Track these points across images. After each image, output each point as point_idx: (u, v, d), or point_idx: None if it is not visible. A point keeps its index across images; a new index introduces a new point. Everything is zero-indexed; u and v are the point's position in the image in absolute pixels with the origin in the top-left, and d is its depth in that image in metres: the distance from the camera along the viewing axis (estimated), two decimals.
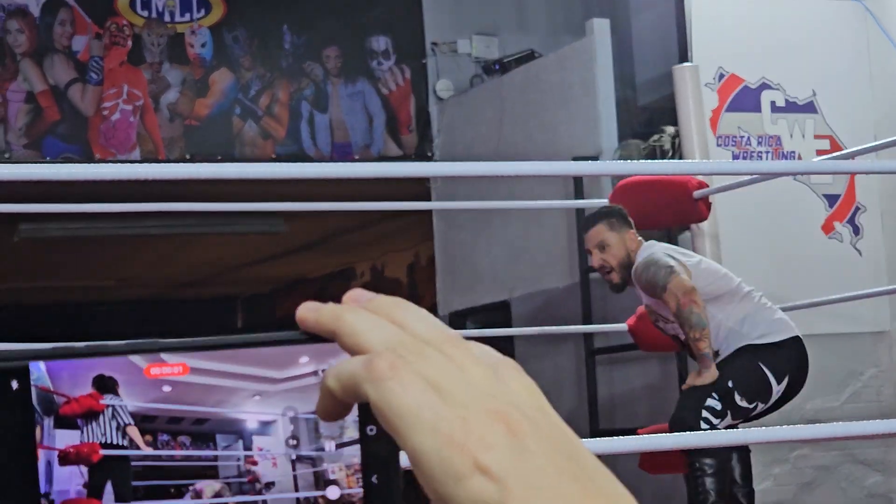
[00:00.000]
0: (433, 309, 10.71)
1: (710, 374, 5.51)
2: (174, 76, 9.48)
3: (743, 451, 6.00)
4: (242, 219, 9.63)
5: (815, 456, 8.32)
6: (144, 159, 9.29)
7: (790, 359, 5.67)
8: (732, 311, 5.71)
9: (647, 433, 6.39)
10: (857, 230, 8.66)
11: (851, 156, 7.41)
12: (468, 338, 0.74)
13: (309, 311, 0.72)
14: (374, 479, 0.72)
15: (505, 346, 9.26)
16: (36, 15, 9.23)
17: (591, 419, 8.68)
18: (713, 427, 5.42)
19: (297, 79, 9.73)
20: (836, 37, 8.75)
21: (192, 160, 9.33)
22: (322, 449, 0.73)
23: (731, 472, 5.88)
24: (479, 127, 9.69)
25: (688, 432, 5.21)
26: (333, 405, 0.70)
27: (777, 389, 5.64)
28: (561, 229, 8.98)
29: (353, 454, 0.73)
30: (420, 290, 13.83)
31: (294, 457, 0.73)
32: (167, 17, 9.49)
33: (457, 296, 10.10)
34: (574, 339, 8.75)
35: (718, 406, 5.50)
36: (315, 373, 0.73)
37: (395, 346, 0.69)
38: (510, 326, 9.08)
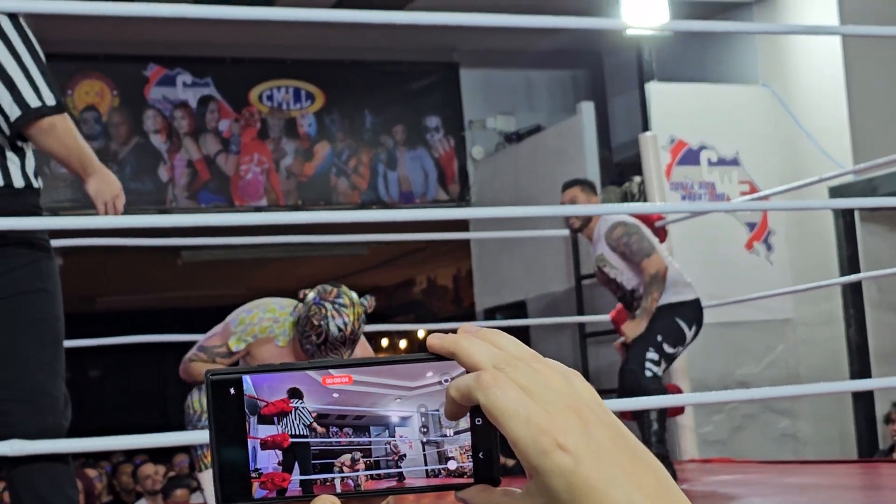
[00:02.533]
0: (471, 307, 10.68)
1: (644, 324, 5.41)
2: (289, 147, 9.49)
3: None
4: (337, 246, 9.63)
5: (742, 407, 8.28)
6: (269, 205, 9.30)
7: (695, 312, 5.55)
8: None
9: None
10: (769, 247, 8.62)
11: (766, 196, 7.38)
12: (503, 328, 0.75)
13: (435, 339, 0.72)
14: (480, 455, 0.73)
15: (523, 332, 9.25)
16: (193, 106, 9.26)
17: None
18: (654, 373, 5.31)
19: (375, 147, 9.72)
20: (753, 112, 8.72)
21: (302, 206, 9.33)
22: (444, 435, 0.73)
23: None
24: (502, 179, 9.68)
25: (657, 395, 5.09)
26: (455, 408, 0.70)
27: (689, 335, 5.51)
28: (561, 250, 8.97)
29: (465, 439, 0.73)
30: (461, 293, 13.80)
31: (424, 440, 0.73)
32: (284, 106, 9.50)
33: (488, 297, 10.07)
34: (571, 327, 8.73)
35: (656, 357, 5.39)
36: (439, 382, 0.73)
37: (496, 362, 0.70)
38: (527, 318, 9.06)
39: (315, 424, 0.72)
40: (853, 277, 7.19)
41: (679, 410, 6.49)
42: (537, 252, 9.19)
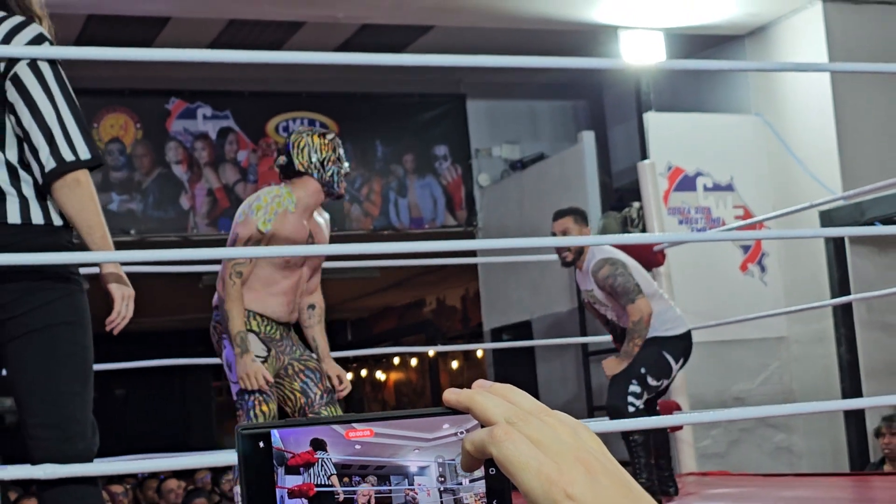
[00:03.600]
0: (479, 326, 10.67)
1: (624, 365, 5.22)
2: None
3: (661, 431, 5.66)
4: (350, 270, 9.63)
5: (738, 422, 8.25)
6: None
7: (684, 346, 5.34)
8: (654, 307, 5.33)
9: None
10: (763, 269, 8.61)
11: (760, 222, 7.38)
12: (507, 350, 0.76)
13: (451, 394, 0.73)
14: (494, 502, 0.74)
15: (528, 352, 9.24)
16: (213, 138, 9.29)
17: (587, 400, 8.63)
18: (637, 407, 5.14)
19: (386, 175, 9.74)
20: (746, 140, 8.73)
21: None
22: (460, 483, 0.74)
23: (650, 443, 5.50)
24: (508, 205, 9.69)
25: (680, 414, 5.05)
26: (471, 460, 0.71)
27: (675, 368, 5.32)
28: (564, 272, 8.94)
29: (480, 487, 0.74)
30: (469, 313, 13.77)
31: (441, 489, 0.74)
32: None
33: (495, 317, 10.06)
34: (575, 346, 8.72)
35: (638, 389, 5.19)
36: (455, 433, 0.74)
37: (509, 417, 0.71)
38: (532, 339, 9.05)
39: (334, 476, 0.73)
40: (844, 299, 7.19)
41: (678, 426, 6.48)
42: (542, 274, 9.18)
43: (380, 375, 17.99)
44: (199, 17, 7.93)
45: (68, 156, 2.94)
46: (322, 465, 0.73)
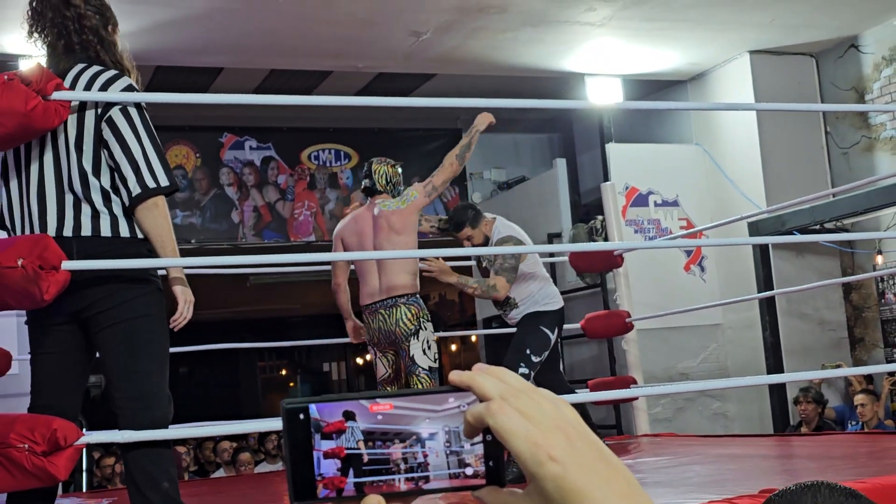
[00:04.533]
0: (473, 316, 10.64)
1: (457, 281, 4.87)
2: (332, 195, 9.49)
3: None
4: None
5: (684, 393, 8.25)
6: (317, 240, 9.31)
7: (559, 318, 5.04)
8: (537, 284, 5.06)
9: (594, 384, 6.36)
10: (703, 269, 8.60)
11: (699, 232, 7.37)
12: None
13: (455, 375, 0.73)
14: (490, 463, 0.73)
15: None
16: (258, 164, 9.28)
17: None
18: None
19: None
20: (689, 164, 8.72)
21: None
22: (462, 447, 0.73)
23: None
24: None
25: (633, 388, 5.01)
26: (471, 429, 0.71)
27: (552, 338, 4.99)
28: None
29: (479, 450, 0.73)
30: (465, 306, 13.76)
31: (448, 451, 0.73)
32: (328, 164, 9.52)
33: (486, 309, 10.05)
34: None
35: (526, 371, 4.87)
36: (458, 406, 0.74)
37: (502, 393, 0.70)
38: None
39: (361, 441, 0.73)
40: (768, 293, 7.18)
41: (634, 397, 6.47)
42: None
43: None
44: (246, 67, 7.94)
45: (150, 183, 2.98)
46: (351, 432, 0.73)
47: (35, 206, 2.98)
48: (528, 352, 4.94)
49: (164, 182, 3.00)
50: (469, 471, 0.73)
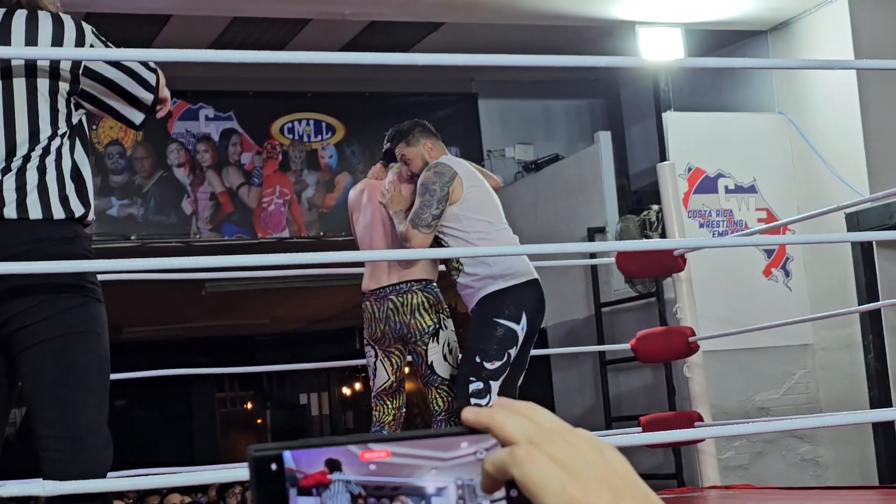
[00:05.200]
0: None
1: (395, 201, 4.95)
2: (311, 179, 9.51)
3: None
4: (359, 276, 9.64)
5: (762, 433, 8.23)
6: (292, 236, 9.33)
7: (531, 298, 4.88)
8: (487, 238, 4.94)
9: (647, 421, 6.37)
10: (787, 274, 8.60)
11: (783, 226, 7.37)
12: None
13: (470, 413, 0.73)
14: None
15: (544, 360, 9.23)
16: (216, 140, 9.31)
17: (605, 410, 8.62)
18: (488, 403, 4.46)
19: None
20: (769, 139, 8.71)
21: (324, 237, 9.36)
22: None
23: None
24: (521, 209, 9.67)
25: (698, 426, 4.95)
26: (491, 482, 0.71)
27: (521, 328, 4.78)
28: (580, 279, 8.97)
29: None
30: None
31: None
32: (305, 139, 9.54)
33: None
34: (592, 355, 8.71)
35: (480, 385, 4.65)
36: (474, 453, 0.74)
37: (531, 436, 0.71)
38: (547, 347, 9.04)
39: (359, 494, 0.73)
40: (872, 305, 7.17)
41: (700, 439, 6.47)
42: (557, 280, 9.18)
43: None
44: (200, 14, 7.95)
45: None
46: (336, 487, 0.73)
47: None
48: (477, 359, 4.74)
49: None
50: None
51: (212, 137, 9.27)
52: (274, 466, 0.72)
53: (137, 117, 3.34)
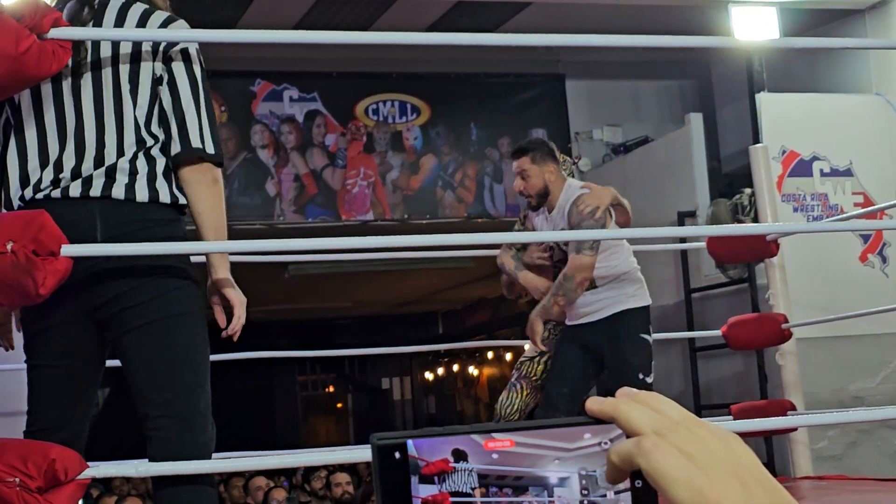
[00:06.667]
0: None
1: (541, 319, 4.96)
2: (395, 161, 9.54)
3: None
4: (443, 259, 9.66)
5: (857, 422, 8.13)
6: (376, 219, 9.37)
7: (649, 317, 5.10)
8: (623, 256, 5.16)
9: (738, 409, 6.32)
10: (884, 259, 8.48)
11: (880, 211, 7.27)
12: None
13: (594, 403, 0.74)
14: None
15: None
16: (300, 121, 9.36)
17: (694, 399, 8.56)
18: None
19: (481, 160, 9.74)
20: (866, 121, 8.60)
21: (409, 219, 9.39)
22: (604, 496, 0.74)
23: None
24: None
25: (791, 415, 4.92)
26: (616, 472, 0.72)
27: (651, 342, 5.04)
28: (670, 263, 8.91)
29: (625, 500, 0.74)
30: None
31: (585, 501, 0.74)
32: (390, 120, 9.56)
33: None
34: (681, 341, 8.65)
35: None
36: (598, 444, 0.74)
37: (656, 427, 0.71)
38: None
39: (478, 489, 0.74)
40: None
41: (793, 428, 6.41)
42: (646, 265, 9.05)
43: (472, 370, 18.02)
44: None
45: (196, 143, 3.10)
46: (459, 475, 0.74)
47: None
48: (640, 376, 4.92)
49: (210, 149, 3.11)
50: None
51: (296, 119, 9.33)
52: (398, 455, 0.73)
53: (175, 146, 3.13)
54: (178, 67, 3.13)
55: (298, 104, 9.38)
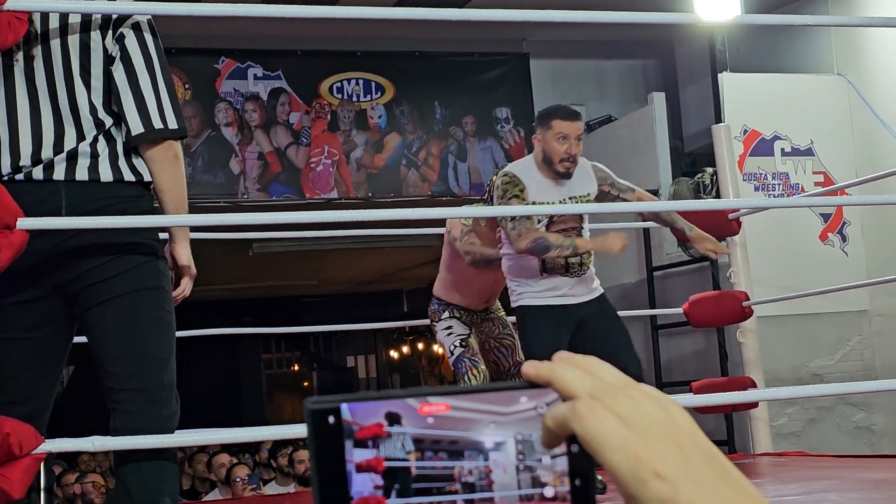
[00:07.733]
0: None
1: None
2: (360, 139, 9.51)
3: None
4: (407, 237, 9.65)
5: (816, 399, 8.19)
6: (340, 197, 9.35)
7: None
8: None
9: (699, 386, 6.35)
10: (844, 238, 8.53)
11: (840, 189, 7.30)
12: None
13: (530, 367, 0.72)
14: (577, 482, 0.73)
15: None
16: (264, 98, 9.32)
17: (656, 376, 8.60)
18: None
19: (445, 139, 9.72)
20: (827, 100, 8.64)
21: (372, 198, 9.37)
22: (539, 461, 0.73)
23: None
24: None
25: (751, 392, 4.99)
26: (552, 437, 0.71)
27: None
28: (632, 242, 8.91)
29: (561, 464, 0.73)
30: None
31: (520, 466, 0.73)
32: (354, 98, 9.53)
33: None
34: (643, 319, 8.68)
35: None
36: (534, 408, 0.73)
37: (592, 391, 0.70)
38: None
39: (412, 453, 0.72)
40: None
41: (753, 403, 6.45)
42: None
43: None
44: None
45: (157, 123, 3.08)
46: (393, 440, 0.72)
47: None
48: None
49: (172, 124, 3.10)
50: (548, 491, 0.73)
51: (260, 97, 9.29)
52: (332, 419, 0.72)
53: (136, 126, 3.08)
54: (132, 42, 3.10)
55: (263, 82, 9.33)
